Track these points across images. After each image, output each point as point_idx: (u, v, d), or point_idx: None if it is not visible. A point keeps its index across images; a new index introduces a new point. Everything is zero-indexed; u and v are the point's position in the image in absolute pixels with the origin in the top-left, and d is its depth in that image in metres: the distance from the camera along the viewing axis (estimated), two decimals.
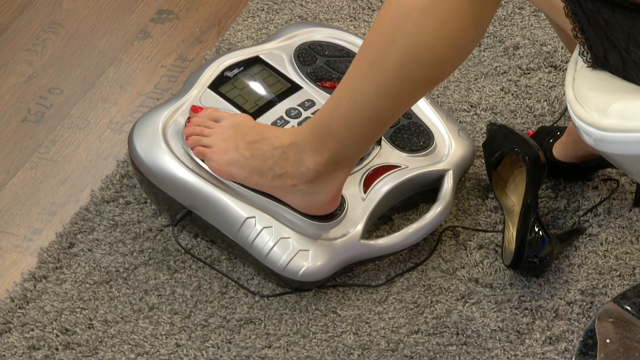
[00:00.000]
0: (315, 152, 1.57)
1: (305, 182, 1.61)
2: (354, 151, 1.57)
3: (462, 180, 1.85)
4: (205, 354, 1.63)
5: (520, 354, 1.62)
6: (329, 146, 1.55)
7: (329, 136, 1.54)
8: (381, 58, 1.41)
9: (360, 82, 1.46)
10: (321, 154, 1.57)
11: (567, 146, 1.78)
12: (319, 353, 1.63)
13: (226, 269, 1.74)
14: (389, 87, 1.43)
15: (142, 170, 1.74)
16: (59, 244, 1.77)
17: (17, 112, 2.02)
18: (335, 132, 1.53)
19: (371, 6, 2.19)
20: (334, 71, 1.85)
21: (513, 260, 1.67)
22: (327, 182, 1.61)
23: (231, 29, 2.15)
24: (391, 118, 1.50)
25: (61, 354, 1.63)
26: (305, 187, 1.62)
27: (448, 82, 2.02)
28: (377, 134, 1.54)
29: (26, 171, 1.92)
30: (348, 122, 1.51)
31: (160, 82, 2.08)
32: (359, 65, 1.45)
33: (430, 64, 1.40)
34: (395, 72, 1.41)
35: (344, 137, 1.53)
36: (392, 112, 1.48)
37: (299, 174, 1.60)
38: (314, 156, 1.57)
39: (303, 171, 1.60)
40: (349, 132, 1.52)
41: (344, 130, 1.52)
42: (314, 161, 1.58)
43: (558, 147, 1.80)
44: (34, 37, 2.17)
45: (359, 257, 1.70)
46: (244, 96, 1.81)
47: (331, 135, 1.54)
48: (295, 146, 1.59)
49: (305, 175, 1.60)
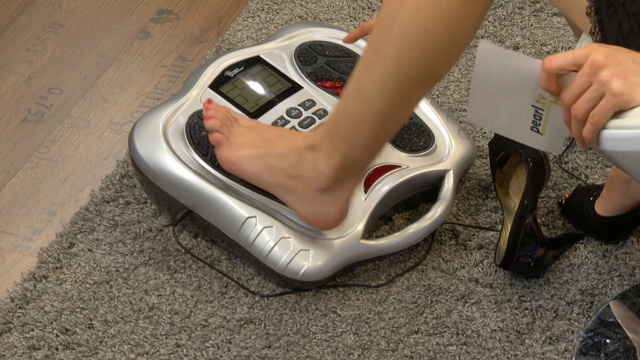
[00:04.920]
0: (329, 156, 1.55)
1: (317, 190, 1.59)
2: (362, 154, 1.55)
3: (462, 180, 1.85)
4: (205, 354, 1.63)
5: (520, 354, 1.62)
6: (340, 148, 1.54)
7: (339, 136, 1.53)
8: (381, 46, 1.40)
9: (364, 73, 1.45)
10: (333, 158, 1.55)
11: (610, 199, 1.72)
12: (319, 353, 1.63)
13: (226, 269, 1.74)
14: (389, 78, 1.41)
15: (142, 170, 1.74)
16: (59, 244, 1.77)
17: (17, 112, 2.02)
18: (345, 132, 1.52)
19: (371, 6, 2.19)
20: (335, 71, 1.85)
21: (503, 260, 1.67)
22: (337, 192, 1.59)
23: (231, 29, 2.15)
24: (395, 117, 1.48)
25: (61, 354, 1.63)
26: (316, 195, 1.60)
27: (448, 82, 2.02)
28: (383, 136, 1.52)
29: (26, 171, 1.92)
30: (355, 119, 1.49)
31: (160, 82, 2.08)
32: (364, 56, 1.45)
33: (428, 50, 1.38)
34: (394, 61, 1.39)
35: (352, 137, 1.52)
36: (395, 109, 1.46)
37: (312, 179, 1.58)
38: (327, 160, 1.56)
39: (317, 177, 1.57)
40: (357, 131, 1.50)
41: (352, 128, 1.50)
42: (327, 166, 1.56)
43: (601, 203, 1.73)
44: (34, 37, 2.17)
45: (359, 257, 1.71)
46: (244, 96, 1.81)
47: (341, 135, 1.52)
48: (312, 149, 1.57)
49: (319, 182, 1.58)
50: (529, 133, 1.28)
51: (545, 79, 1.19)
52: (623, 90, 1.13)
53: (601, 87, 1.14)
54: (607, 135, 1.17)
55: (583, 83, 1.16)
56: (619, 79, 1.14)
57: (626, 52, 1.16)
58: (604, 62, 1.15)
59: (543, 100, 1.24)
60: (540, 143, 1.28)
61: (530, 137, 1.28)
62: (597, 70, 1.14)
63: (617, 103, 1.14)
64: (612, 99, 1.14)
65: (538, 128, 1.26)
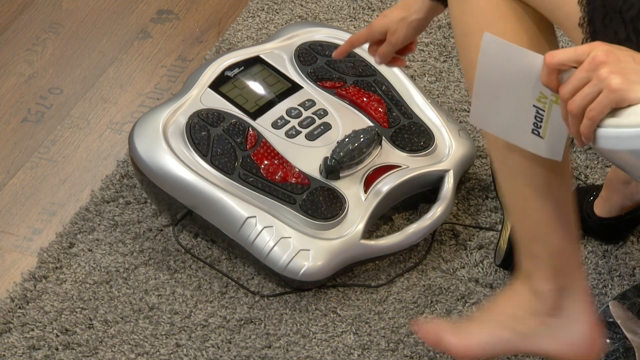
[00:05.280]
0: (536, 269, 1.43)
1: (548, 315, 1.43)
2: (552, 240, 1.42)
3: (462, 180, 1.85)
4: (205, 354, 1.63)
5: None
6: (533, 250, 1.43)
7: (525, 239, 1.44)
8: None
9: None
10: (538, 266, 1.42)
11: (610, 200, 1.71)
12: (319, 353, 1.63)
13: (226, 268, 1.74)
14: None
15: (142, 169, 1.74)
16: (59, 244, 1.77)
17: (17, 112, 2.02)
18: (521, 229, 1.44)
19: (371, 6, 2.19)
20: (335, 71, 1.85)
21: (503, 260, 1.67)
22: (570, 305, 1.43)
23: (231, 29, 2.15)
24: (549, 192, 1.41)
25: (61, 354, 1.63)
26: (551, 321, 1.44)
27: (448, 82, 2.02)
28: (546, 207, 1.40)
29: (26, 171, 1.92)
30: (514, 200, 1.42)
31: (160, 82, 2.08)
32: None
33: None
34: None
35: (528, 228, 1.43)
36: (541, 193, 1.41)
37: (537, 306, 1.44)
38: (536, 274, 1.43)
39: (539, 301, 1.44)
40: (525, 217, 1.42)
41: (521, 218, 1.42)
42: (540, 281, 1.42)
43: (600, 204, 1.73)
44: (34, 37, 2.17)
45: (359, 257, 1.71)
46: (244, 96, 1.81)
47: (525, 235, 1.43)
48: (523, 279, 1.45)
49: (543, 303, 1.43)
50: (530, 136, 1.27)
51: (546, 74, 1.19)
52: (621, 87, 1.14)
53: (600, 83, 1.15)
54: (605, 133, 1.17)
55: (582, 78, 1.16)
56: (618, 75, 1.14)
57: (627, 51, 1.17)
58: (604, 59, 1.15)
59: (544, 99, 1.24)
60: (540, 148, 1.28)
61: (531, 141, 1.28)
62: (597, 66, 1.15)
63: (614, 99, 1.14)
64: (609, 94, 1.14)
65: (539, 131, 1.26)
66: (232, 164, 1.72)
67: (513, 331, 1.44)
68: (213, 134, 1.74)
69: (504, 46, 1.23)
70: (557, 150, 1.27)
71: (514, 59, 1.23)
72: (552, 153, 1.28)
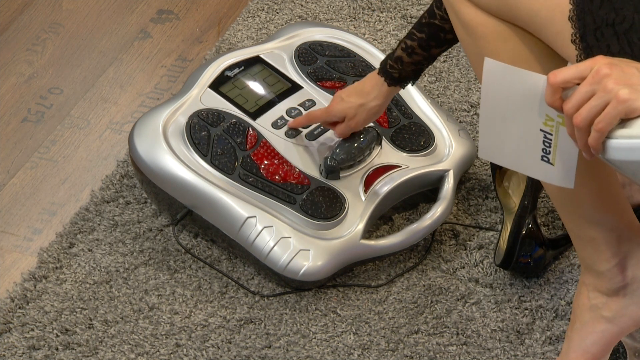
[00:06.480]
0: (596, 251, 1.44)
1: (622, 287, 1.45)
2: (606, 217, 1.43)
3: (462, 180, 1.85)
4: (205, 354, 1.63)
5: (520, 354, 1.62)
6: (590, 234, 1.44)
7: (578, 227, 1.44)
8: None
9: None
10: (597, 247, 1.44)
11: None
12: (319, 353, 1.63)
13: (226, 269, 1.74)
14: None
15: (142, 169, 1.74)
16: (59, 244, 1.77)
17: (17, 112, 2.02)
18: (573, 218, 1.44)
19: (371, 6, 2.19)
20: (334, 71, 1.85)
21: (503, 260, 1.67)
22: (638, 267, 1.46)
23: (231, 29, 2.15)
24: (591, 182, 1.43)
25: (61, 354, 1.63)
26: (628, 290, 1.45)
27: (448, 82, 2.02)
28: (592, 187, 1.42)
29: (26, 171, 1.92)
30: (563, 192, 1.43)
31: (160, 82, 2.08)
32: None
33: None
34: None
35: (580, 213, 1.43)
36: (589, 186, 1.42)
37: (608, 286, 1.45)
38: (598, 257, 1.44)
39: (607, 280, 1.45)
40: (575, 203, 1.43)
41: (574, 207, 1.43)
42: (603, 262, 1.44)
43: None
44: (34, 37, 2.17)
45: (359, 257, 1.71)
46: (244, 96, 1.81)
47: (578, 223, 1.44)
48: (584, 272, 1.47)
49: (612, 279, 1.45)
50: (540, 164, 1.26)
51: (551, 94, 1.19)
52: (630, 97, 1.13)
53: (606, 95, 1.14)
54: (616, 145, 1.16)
55: (586, 92, 1.16)
56: (625, 86, 1.14)
57: (630, 62, 1.16)
58: (608, 72, 1.14)
59: (551, 122, 1.23)
60: (552, 176, 1.27)
61: (542, 169, 1.27)
62: (602, 78, 1.14)
63: (623, 110, 1.14)
64: (618, 105, 1.14)
65: (548, 157, 1.25)
66: (232, 164, 1.72)
67: (602, 320, 1.47)
68: (213, 134, 1.74)
69: (505, 70, 1.23)
70: (569, 177, 1.26)
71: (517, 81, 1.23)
72: (564, 180, 1.27)
